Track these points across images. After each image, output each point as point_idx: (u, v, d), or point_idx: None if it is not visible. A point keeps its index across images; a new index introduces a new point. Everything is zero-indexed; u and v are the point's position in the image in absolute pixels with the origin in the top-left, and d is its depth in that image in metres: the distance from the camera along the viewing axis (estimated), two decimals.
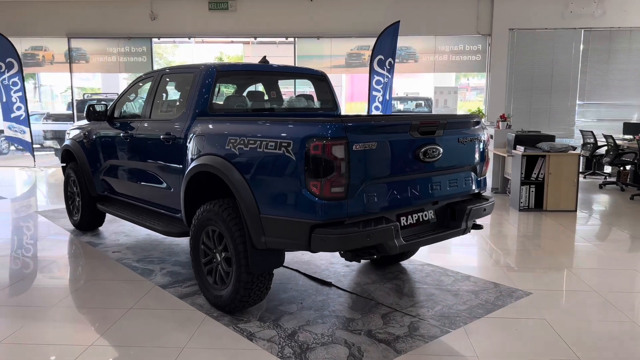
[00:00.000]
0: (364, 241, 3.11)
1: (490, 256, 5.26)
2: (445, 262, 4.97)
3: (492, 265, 4.94)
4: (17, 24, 11.52)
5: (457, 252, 5.49)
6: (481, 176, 4.00)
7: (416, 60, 11.38)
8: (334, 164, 3.01)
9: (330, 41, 11.32)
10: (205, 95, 4.16)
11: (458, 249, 5.60)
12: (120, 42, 11.61)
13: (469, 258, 5.28)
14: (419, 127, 3.39)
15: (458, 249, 5.60)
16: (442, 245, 5.59)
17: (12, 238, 6.12)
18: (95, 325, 3.58)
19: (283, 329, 3.50)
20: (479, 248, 5.60)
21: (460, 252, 5.48)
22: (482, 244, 5.80)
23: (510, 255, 5.40)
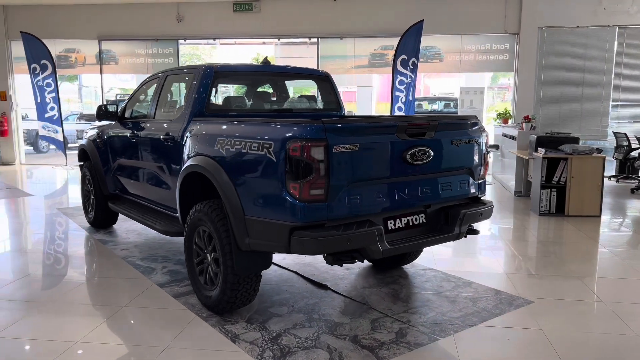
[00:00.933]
0: (344, 245, 3.05)
1: (499, 262, 5.09)
2: (449, 267, 4.84)
3: (498, 271, 4.78)
4: (51, 27, 11.92)
5: (464, 257, 5.34)
6: (479, 179, 3.87)
7: (441, 60, 11.17)
8: (312, 165, 2.96)
9: (354, 41, 11.24)
10: (202, 96, 4.18)
11: (466, 253, 5.45)
12: (148, 44, 11.85)
13: (476, 263, 5.13)
14: (406, 129, 3.31)
15: (466, 253, 5.45)
16: (450, 250, 5.46)
17: (28, 234, 6.32)
18: (85, 322, 3.64)
19: (269, 331, 3.47)
20: (488, 253, 5.43)
21: (468, 257, 5.33)
22: (494, 248, 5.63)
23: (521, 261, 5.21)
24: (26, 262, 5.13)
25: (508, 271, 4.77)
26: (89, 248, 5.65)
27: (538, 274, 4.74)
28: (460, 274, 4.65)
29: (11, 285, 4.38)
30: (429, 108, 14.62)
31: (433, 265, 4.88)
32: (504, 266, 4.93)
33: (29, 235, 6.25)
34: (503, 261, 5.12)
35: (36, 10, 11.98)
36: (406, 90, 10.64)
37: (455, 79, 22.53)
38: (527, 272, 4.81)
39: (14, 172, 11.81)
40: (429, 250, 5.29)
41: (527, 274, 4.75)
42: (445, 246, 5.56)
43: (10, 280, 4.51)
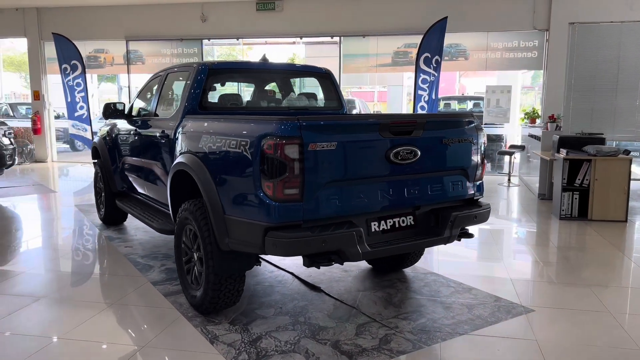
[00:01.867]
0: (319, 246, 2.94)
1: (507, 267, 4.86)
2: (452, 272, 4.66)
3: (504, 277, 4.56)
4: (81, 28, 12.22)
5: (470, 261, 5.13)
6: (475, 180, 3.69)
7: (467, 58, 10.86)
8: (286, 164, 2.87)
9: (377, 39, 11.06)
10: (195, 93, 4.15)
11: (473, 257, 5.25)
12: (173, 44, 12.00)
13: (482, 268, 4.91)
14: (390, 127, 3.17)
15: (473, 257, 5.25)
16: (457, 253, 5.27)
17: (37, 230, 6.45)
18: (70, 319, 3.65)
19: (250, 333, 3.40)
20: (498, 257, 5.20)
21: (474, 262, 5.12)
22: (505, 253, 5.39)
23: (531, 267, 4.97)
24: (26, 257, 5.21)
25: (514, 277, 4.54)
26: (94, 244, 5.72)
27: (546, 281, 4.50)
28: (462, 278, 4.46)
29: (6, 279, 4.46)
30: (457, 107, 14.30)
31: (435, 269, 4.71)
32: (511, 272, 4.70)
33: (37, 231, 6.38)
34: (512, 266, 4.89)
35: (67, 12, 12.31)
36: (429, 89, 10.40)
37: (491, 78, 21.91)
38: (534, 278, 4.58)
39: (46, 169, 12.17)
40: (434, 253, 5.13)
41: (535, 280, 4.52)
42: (453, 249, 5.37)
43: (6, 274, 4.59)
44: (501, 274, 4.66)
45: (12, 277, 4.53)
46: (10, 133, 8.65)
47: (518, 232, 6.50)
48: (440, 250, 5.31)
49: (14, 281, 4.42)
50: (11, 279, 4.48)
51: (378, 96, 26.13)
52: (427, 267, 4.77)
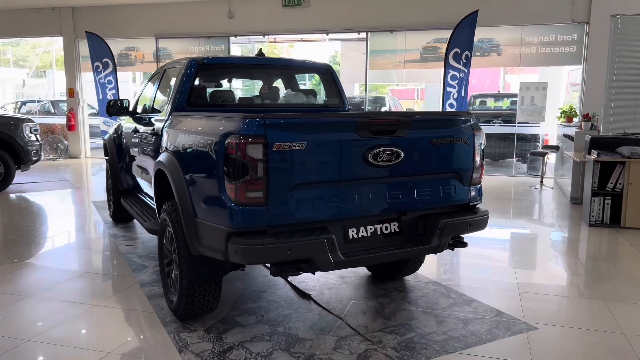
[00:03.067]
0: (284, 254, 2.73)
1: (518, 277, 4.49)
2: (456, 281, 4.35)
3: (511, 288, 4.20)
4: (112, 26, 12.41)
5: (479, 270, 4.77)
6: (472, 185, 3.38)
7: (499, 53, 10.34)
8: (249, 165, 2.67)
9: (405, 34, 10.69)
10: (183, 89, 4.01)
11: (482, 266, 4.89)
12: (201, 41, 12.00)
13: (489, 278, 4.55)
14: (369, 126, 2.91)
15: (482, 266, 4.89)
16: (465, 261, 4.93)
17: (45, 225, 6.50)
18: (46, 321, 3.57)
19: (223, 343, 3.22)
20: (509, 266, 4.83)
21: (483, 270, 4.76)
22: (518, 261, 5.00)
23: (544, 278, 4.58)
24: (25, 254, 5.21)
25: (524, 290, 4.18)
26: (96, 242, 5.70)
27: (557, 294, 4.12)
28: (465, 289, 4.15)
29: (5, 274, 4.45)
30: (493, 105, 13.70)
31: (438, 278, 4.41)
32: (521, 283, 4.34)
33: (45, 227, 6.42)
34: (523, 277, 4.52)
35: (100, 10, 12.52)
36: (458, 86, 9.97)
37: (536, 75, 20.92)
38: (545, 291, 4.20)
39: (78, 165, 12.44)
40: (442, 260, 4.82)
41: (545, 293, 4.14)
42: (464, 256, 5.05)
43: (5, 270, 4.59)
44: (510, 285, 4.31)
45: (5, 274, 4.52)
46: (36, 130, 8.82)
47: (540, 238, 6.07)
48: (449, 257, 4.99)
49: (6, 278, 4.41)
50: (3, 276, 4.47)
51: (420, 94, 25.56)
52: (431, 275, 4.47)
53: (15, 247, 5.37)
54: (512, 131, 10.86)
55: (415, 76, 11.60)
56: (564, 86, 16.32)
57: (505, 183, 9.95)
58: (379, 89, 27.87)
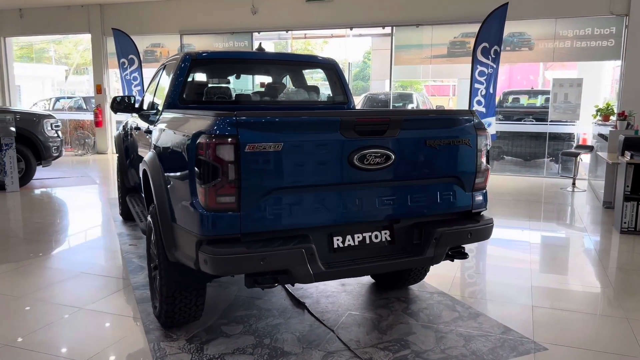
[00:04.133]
0: (256, 265, 2.51)
1: (534, 288, 4.14)
2: (465, 291, 4.05)
3: (525, 302, 3.87)
4: (138, 23, 12.47)
5: (492, 279, 4.45)
6: (475, 190, 3.08)
7: (531, 48, 9.84)
8: (219, 167, 2.46)
9: (431, 29, 10.31)
10: (177, 86, 3.85)
11: (497, 274, 4.56)
12: (225, 37, 11.92)
13: (502, 288, 4.22)
14: (355, 126, 2.66)
15: (497, 274, 4.56)
16: (479, 271, 4.61)
17: (53, 221, 6.48)
18: (31, 324, 3.47)
19: (202, 354, 3.04)
20: (526, 276, 4.48)
21: (496, 280, 4.42)
22: (537, 270, 4.64)
23: (562, 289, 4.22)
24: (27, 251, 5.17)
25: (538, 303, 3.85)
26: (100, 240, 5.63)
27: (574, 310, 3.76)
28: (473, 301, 3.85)
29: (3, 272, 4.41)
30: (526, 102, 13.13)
31: (447, 288, 4.11)
32: (536, 295, 4.00)
33: (54, 223, 6.40)
34: (539, 288, 4.17)
35: (127, 7, 12.60)
36: (486, 82, 9.52)
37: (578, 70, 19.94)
38: (561, 305, 3.85)
39: (104, 161, 12.56)
40: (452, 268, 4.51)
41: (561, 308, 3.79)
42: (478, 264, 4.73)
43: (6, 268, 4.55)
44: (523, 297, 3.98)
45: (3, 272, 4.48)
46: (58, 126, 8.88)
47: (564, 245, 5.67)
48: (462, 265, 4.68)
49: (2, 277, 4.36)
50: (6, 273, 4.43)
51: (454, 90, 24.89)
52: (440, 284, 4.19)
53: (19, 245, 5.35)
54: (543, 130, 10.34)
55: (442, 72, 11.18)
56: (607, 82, 15.52)
57: (534, 184, 9.48)
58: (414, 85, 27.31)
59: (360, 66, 29.98)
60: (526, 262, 4.84)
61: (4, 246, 5.30)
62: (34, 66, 33.84)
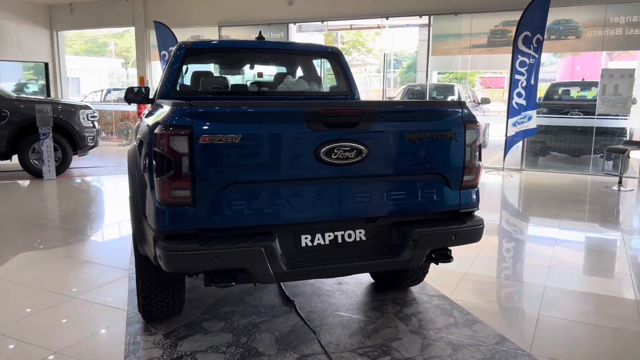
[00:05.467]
0: (210, 263, 2.40)
1: (546, 296, 3.83)
2: (469, 296, 3.80)
3: (532, 309, 3.57)
4: (178, 16, 12.65)
5: (502, 283, 4.14)
6: (463, 188, 2.84)
7: (578, 36, 9.22)
8: (172, 159, 2.36)
9: (471, 17, 9.85)
10: (170, 76, 3.79)
11: (510, 278, 4.25)
12: (262, 29, 11.85)
13: (510, 294, 3.93)
14: (322, 117, 2.49)
15: (510, 278, 4.25)
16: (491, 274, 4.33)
17: (80, 210, 6.62)
18: (18, 311, 3.52)
19: (174, 351, 2.97)
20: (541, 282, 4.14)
21: (507, 285, 4.12)
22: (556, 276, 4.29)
23: (579, 300, 3.87)
24: (43, 237, 5.29)
25: (546, 313, 3.55)
26: (114, 229, 5.70)
27: (585, 322, 3.43)
28: (474, 306, 3.59)
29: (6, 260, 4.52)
30: (576, 95, 12.37)
31: (450, 291, 3.87)
32: (546, 303, 3.69)
33: (75, 212, 6.54)
34: (552, 296, 3.85)
35: (167, 0, 12.79)
36: (527, 73, 9.02)
37: None
38: (573, 316, 3.52)
39: None
40: (462, 270, 4.26)
41: (570, 319, 3.46)
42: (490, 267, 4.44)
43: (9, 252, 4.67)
44: (531, 304, 3.68)
45: (10, 257, 4.60)
46: (94, 116, 9.13)
47: (592, 249, 5.24)
48: (473, 266, 4.40)
49: (10, 262, 4.47)
50: (9, 260, 4.54)
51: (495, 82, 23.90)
52: (443, 286, 3.95)
53: (39, 232, 5.50)
54: (590, 124, 9.68)
55: (481, 63, 10.68)
56: None
57: (577, 182, 8.90)
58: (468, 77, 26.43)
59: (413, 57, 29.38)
60: (544, 267, 4.50)
61: (22, 232, 5.46)
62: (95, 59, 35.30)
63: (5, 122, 8.40)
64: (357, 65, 38.70)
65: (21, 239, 5.22)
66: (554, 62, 22.51)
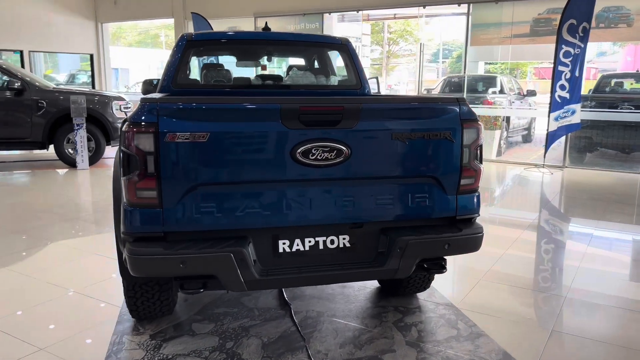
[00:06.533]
0: (176, 268, 2.28)
1: (565, 308, 3.52)
2: (478, 306, 3.53)
3: (547, 323, 3.28)
4: (215, 7, 12.68)
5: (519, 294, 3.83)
6: (459, 193, 2.59)
7: (630, 24, 8.56)
8: (137, 158, 2.24)
9: (512, 5, 9.33)
10: (171, 69, 3.70)
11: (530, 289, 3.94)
12: (296, 19, 11.73)
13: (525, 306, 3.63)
14: (299, 115, 2.31)
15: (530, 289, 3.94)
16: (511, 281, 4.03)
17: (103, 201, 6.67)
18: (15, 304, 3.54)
19: (156, 353, 2.89)
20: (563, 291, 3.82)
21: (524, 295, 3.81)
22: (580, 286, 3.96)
23: (603, 315, 3.53)
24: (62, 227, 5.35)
25: (561, 327, 3.25)
26: None
27: (603, 341, 3.11)
28: (482, 318, 3.34)
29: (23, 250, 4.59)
30: (630, 87, 11.56)
31: (459, 299, 3.63)
32: (564, 317, 3.38)
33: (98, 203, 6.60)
34: (570, 310, 3.54)
35: None
36: (572, 64, 8.47)
37: None
38: (592, 334, 3.21)
39: None
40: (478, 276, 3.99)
41: (588, 337, 3.15)
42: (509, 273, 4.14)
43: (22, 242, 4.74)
44: (547, 317, 3.38)
45: (25, 247, 4.66)
46: (128, 107, 9.25)
47: (632, 258, 4.82)
48: (491, 271, 4.12)
49: (25, 253, 4.54)
50: (20, 252, 4.61)
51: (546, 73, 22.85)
52: (453, 294, 3.72)
53: (57, 222, 5.58)
54: None
55: (522, 53, 10.15)
56: None
57: (625, 181, 8.32)
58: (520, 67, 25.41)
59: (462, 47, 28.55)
60: (569, 276, 4.16)
61: (45, 222, 5.55)
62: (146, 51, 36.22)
63: (42, 112, 8.63)
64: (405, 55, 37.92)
65: (40, 229, 5.30)
66: (616, 52, 21.18)
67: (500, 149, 10.70)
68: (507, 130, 11.14)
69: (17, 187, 7.72)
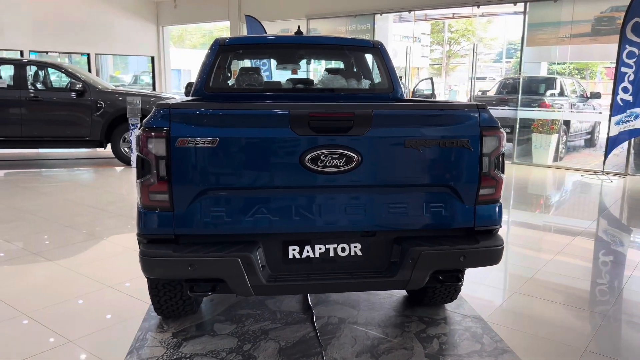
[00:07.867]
0: (184, 271, 2.32)
1: (600, 329, 3.30)
2: (508, 320, 3.39)
3: (579, 343, 3.10)
4: (268, 9, 12.86)
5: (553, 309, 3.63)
6: (478, 203, 2.49)
7: None
8: (150, 162, 2.30)
9: (572, 3, 8.88)
10: (203, 73, 3.78)
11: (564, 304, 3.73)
12: (348, 21, 11.70)
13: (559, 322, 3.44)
14: (309, 121, 2.29)
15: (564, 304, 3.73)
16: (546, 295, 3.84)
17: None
18: (54, 297, 3.72)
19: (175, 352, 2.96)
20: (606, 305, 3.60)
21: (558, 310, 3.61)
22: (628, 304, 3.71)
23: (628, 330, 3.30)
24: (104, 224, 5.58)
25: (593, 349, 3.05)
26: None
27: None
28: (510, 334, 3.19)
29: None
30: None
31: (489, 312, 3.49)
32: (598, 338, 3.18)
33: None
34: (610, 330, 3.32)
35: None
36: (636, 65, 7.98)
37: None
38: (623, 356, 3.00)
39: None
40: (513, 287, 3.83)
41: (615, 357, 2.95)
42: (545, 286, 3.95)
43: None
44: (579, 337, 3.19)
45: (69, 242, 4.90)
46: None
47: None
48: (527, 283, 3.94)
49: (66, 247, 4.77)
50: (67, 246, 4.85)
51: None
52: (482, 306, 3.58)
53: (103, 218, 5.83)
54: None
55: (582, 54, 9.64)
56: None
57: None
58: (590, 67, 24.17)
59: None
60: (614, 294, 3.91)
61: (90, 218, 5.82)
62: None
63: (101, 112, 9.06)
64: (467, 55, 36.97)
65: (90, 224, 5.56)
66: None
67: (558, 153, 10.21)
68: (567, 134, 10.63)
69: (74, 183, 8.14)
